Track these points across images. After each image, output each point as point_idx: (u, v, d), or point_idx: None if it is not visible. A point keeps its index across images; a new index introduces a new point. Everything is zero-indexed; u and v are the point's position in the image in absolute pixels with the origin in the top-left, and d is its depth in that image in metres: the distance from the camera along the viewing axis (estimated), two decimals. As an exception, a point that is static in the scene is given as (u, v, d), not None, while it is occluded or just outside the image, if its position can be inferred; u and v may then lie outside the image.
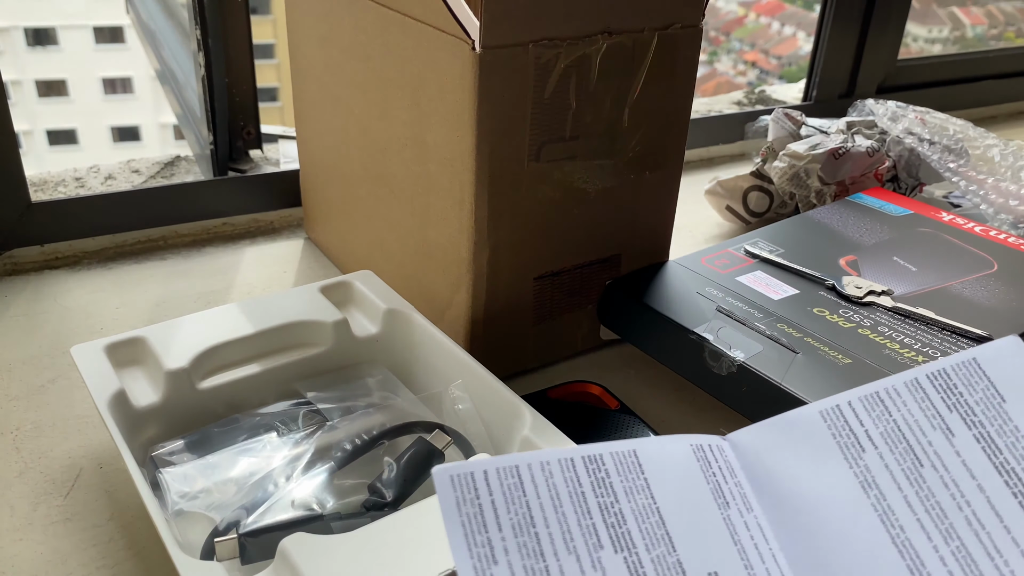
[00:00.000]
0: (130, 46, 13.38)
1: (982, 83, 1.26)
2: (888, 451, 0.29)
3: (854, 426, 0.30)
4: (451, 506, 0.26)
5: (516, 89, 0.52)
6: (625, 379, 0.63)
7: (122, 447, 0.44)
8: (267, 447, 0.48)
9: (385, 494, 0.45)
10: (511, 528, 0.26)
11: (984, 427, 0.29)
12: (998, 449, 0.29)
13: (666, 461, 0.30)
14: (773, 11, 22.07)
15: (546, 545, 0.26)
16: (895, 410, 0.30)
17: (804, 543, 0.28)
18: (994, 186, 0.82)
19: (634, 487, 0.29)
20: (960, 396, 0.30)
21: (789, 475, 0.30)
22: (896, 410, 0.30)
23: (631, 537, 0.28)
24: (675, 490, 0.29)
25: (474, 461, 0.28)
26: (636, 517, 0.28)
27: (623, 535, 0.28)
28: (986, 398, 0.30)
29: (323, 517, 0.44)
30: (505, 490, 0.27)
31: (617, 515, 0.28)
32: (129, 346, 0.52)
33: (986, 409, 0.29)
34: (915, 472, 0.29)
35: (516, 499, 0.27)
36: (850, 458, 0.29)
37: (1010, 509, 0.28)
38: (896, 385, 0.30)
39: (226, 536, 0.42)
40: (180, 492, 0.45)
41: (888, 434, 0.29)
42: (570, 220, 0.59)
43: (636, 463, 0.30)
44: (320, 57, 0.67)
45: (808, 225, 0.71)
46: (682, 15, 0.57)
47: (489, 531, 0.26)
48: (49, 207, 0.74)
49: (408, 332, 0.56)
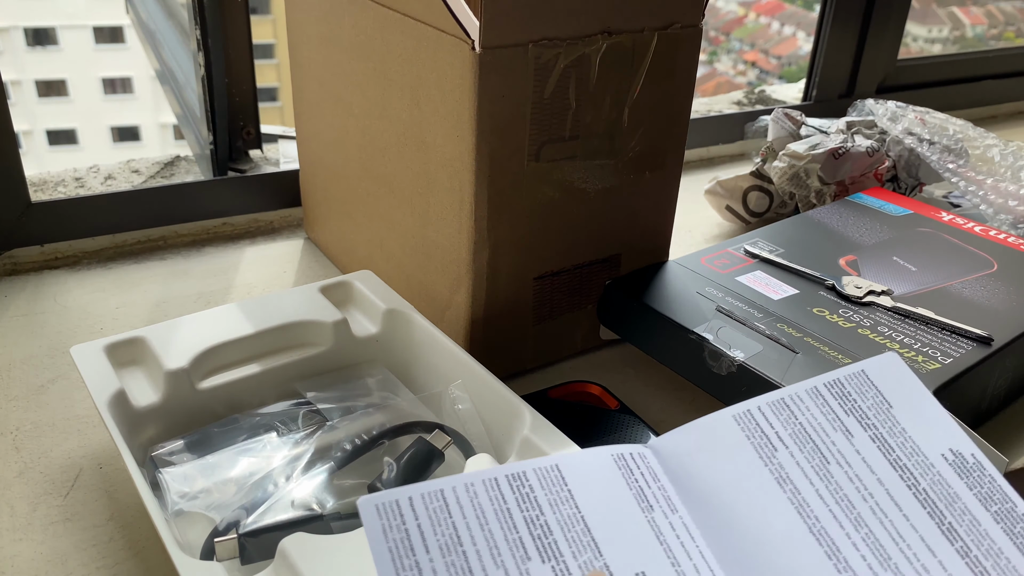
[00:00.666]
0: (130, 46, 13.38)
1: (982, 83, 1.26)
2: (798, 450, 0.32)
3: (765, 428, 0.32)
4: (377, 534, 0.27)
5: (516, 89, 0.52)
6: (625, 379, 0.63)
7: (122, 447, 0.44)
8: (267, 447, 0.48)
9: None
10: (438, 549, 0.27)
11: (877, 429, 0.33)
12: (891, 448, 0.32)
13: (589, 471, 0.32)
14: (773, 11, 22.07)
15: (474, 562, 0.27)
16: (800, 414, 0.33)
17: (729, 538, 0.31)
18: (994, 186, 0.82)
19: (558, 499, 0.30)
20: (854, 402, 0.33)
21: (710, 476, 0.32)
22: (801, 414, 0.33)
23: (558, 547, 0.29)
24: (599, 498, 0.31)
25: (398, 490, 0.29)
26: (562, 527, 0.30)
27: (549, 545, 0.29)
28: (876, 404, 0.33)
29: (323, 517, 0.44)
30: (431, 513, 0.28)
31: (543, 527, 0.29)
32: (129, 346, 0.52)
33: (877, 413, 0.33)
34: (823, 468, 0.31)
35: (442, 521, 0.28)
36: (764, 457, 0.32)
37: (907, 499, 0.31)
38: (799, 392, 0.33)
39: (226, 536, 0.42)
40: (180, 492, 0.45)
41: (796, 435, 0.32)
42: (570, 220, 0.59)
43: (559, 476, 0.31)
44: (320, 57, 0.67)
45: (808, 225, 0.71)
46: (682, 15, 0.57)
47: (416, 554, 0.27)
48: (49, 207, 0.74)
49: (408, 332, 0.56)
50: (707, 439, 0.32)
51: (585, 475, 0.31)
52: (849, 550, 0.30)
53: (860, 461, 0.32)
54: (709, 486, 0.31)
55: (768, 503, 0.31)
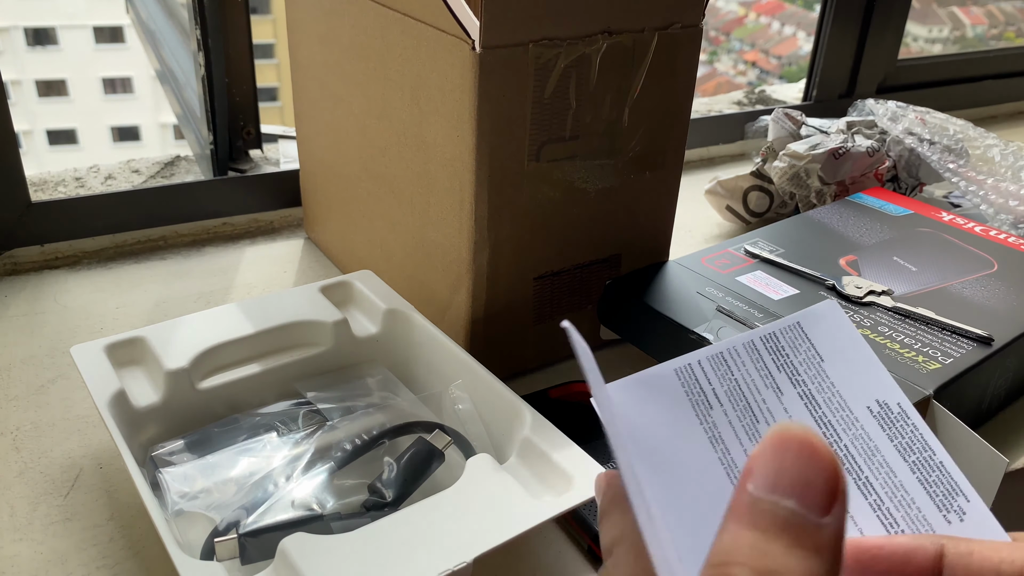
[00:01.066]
0: (130, 46, 13.38)
1: (982, 83, 1.26)
2: (731, 408, 0.32)
3: (703, 384, 0.33)
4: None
5: (516, 89, 0.52)
6: (625, 379, 0.63)
7: (122, 447, 0.44)
8: (267, 447, 0.48)
9: (385, 494, 0.45)
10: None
11: (807, 385, 0.33)
12: (817, 404, 0.33)
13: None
14: (773, 11, 22.07)
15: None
16: (736, 370, 0.33)
17: (666, 493, 0.31)
18: (994, 186, 0.82)
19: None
20: (787, 357, 0.34)
21: (651, 429, 0.33)
22: (737, 370, 0.33)
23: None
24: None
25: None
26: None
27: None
28: (807, 358, 0.34)
29: (323, 517, 0.44)
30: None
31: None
32: (129, 346, 0.52)
33: (807, 369, 0.33)
34: (752, 428, 0.32)
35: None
36: (700, 415, 0.32)
37: None
38: (736, 347, 0.34)
39: (226, 536, 0.42)
40: (180, 492, 0.45)
41: (730, 392, 0.33)
42: (570, 220, 0.58)
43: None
44: (320, 57, 0.67)
45: (808, 225, 0.71)
46: (682, 15, 0.57)
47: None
48: (49, 207, 0.74)
49: (408, 332, 0.56)
50: (650, 391, 0.33)
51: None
52: None
53: (787, 419, 0.33)
54: (650, 440, 0.32)
55: (701, 463, 0.31)
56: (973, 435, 0.49)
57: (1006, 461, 0.47)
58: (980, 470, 0.48)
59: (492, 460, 0.44)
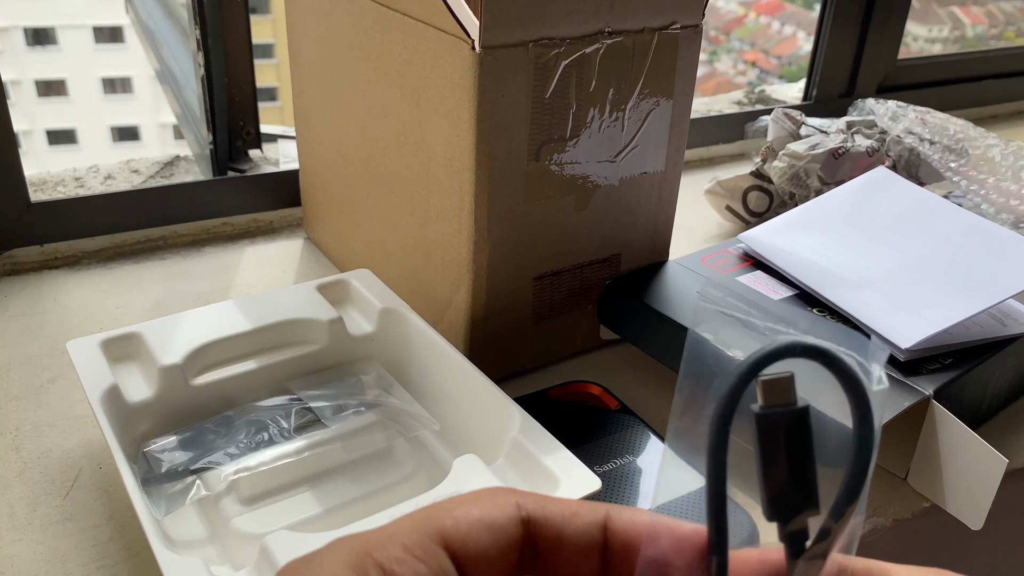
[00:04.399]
0: (130, 46, 13.39)
1: (982, 83, 1.26)
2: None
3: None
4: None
5: (516, 89, 0.52)
6: (625, 379, 0.63)
7: (112, 441, 0.44)
8: (259, 445, 0.49)
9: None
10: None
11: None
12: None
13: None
14: (773, 11, 22.07)
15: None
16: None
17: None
18: (994, 186, 0.82)
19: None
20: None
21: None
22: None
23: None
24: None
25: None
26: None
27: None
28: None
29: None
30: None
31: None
32: (124, 341, 0.52)
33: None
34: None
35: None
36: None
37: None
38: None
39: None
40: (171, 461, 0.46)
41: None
42: (570, 220, 0.58)
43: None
44: (320, 57, 0.67)
45: (808, 225, 0.71)
46: (682, 15, 0.57)
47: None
48: (49, 207, 0.74)
49: (403, 331, 0.56)
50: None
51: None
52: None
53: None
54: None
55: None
56: (973, 435, 0.48)
57: (1006, 461, 0.47)
58: (980, 470, 0.48)
59: (479, 460, 0.44)
